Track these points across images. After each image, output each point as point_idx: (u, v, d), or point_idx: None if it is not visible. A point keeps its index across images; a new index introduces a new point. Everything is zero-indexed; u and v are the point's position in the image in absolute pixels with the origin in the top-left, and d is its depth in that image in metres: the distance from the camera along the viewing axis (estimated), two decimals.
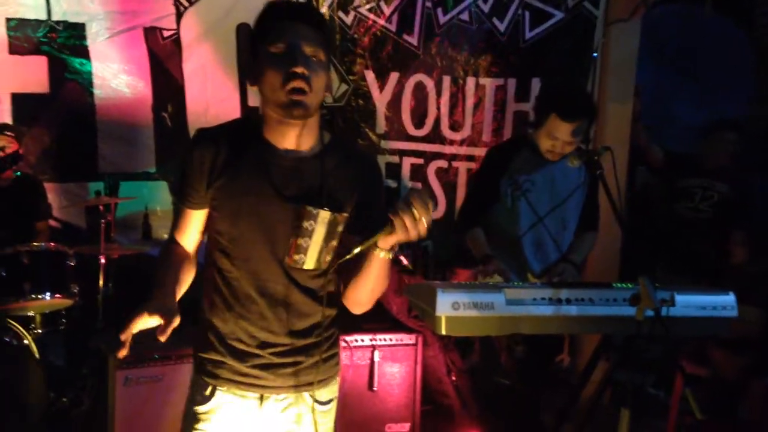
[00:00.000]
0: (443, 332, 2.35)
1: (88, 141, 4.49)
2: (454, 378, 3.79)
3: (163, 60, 4.53)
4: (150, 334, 1.71)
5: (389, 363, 3.65)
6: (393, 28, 4.73)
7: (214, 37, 4.57)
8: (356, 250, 1.65)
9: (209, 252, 1.89)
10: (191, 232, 1.91)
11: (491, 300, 2.36)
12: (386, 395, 3.64)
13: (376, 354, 3.61)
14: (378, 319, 3.79)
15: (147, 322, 1.65)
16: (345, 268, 1.78)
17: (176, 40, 4.52)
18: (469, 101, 4.84)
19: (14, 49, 4.29)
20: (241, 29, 4.57)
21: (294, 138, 1.79)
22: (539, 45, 4.75)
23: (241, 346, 1.85)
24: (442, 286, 2.38)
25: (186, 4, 4.49)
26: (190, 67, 4.57)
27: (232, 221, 1.80)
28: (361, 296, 1.80)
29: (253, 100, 4.65)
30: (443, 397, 3.83)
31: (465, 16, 4.74)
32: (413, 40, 4.76)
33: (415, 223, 1.55)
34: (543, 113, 3.06)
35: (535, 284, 2.66)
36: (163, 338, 1.65)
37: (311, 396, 1.91)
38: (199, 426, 1.87)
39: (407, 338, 3.68)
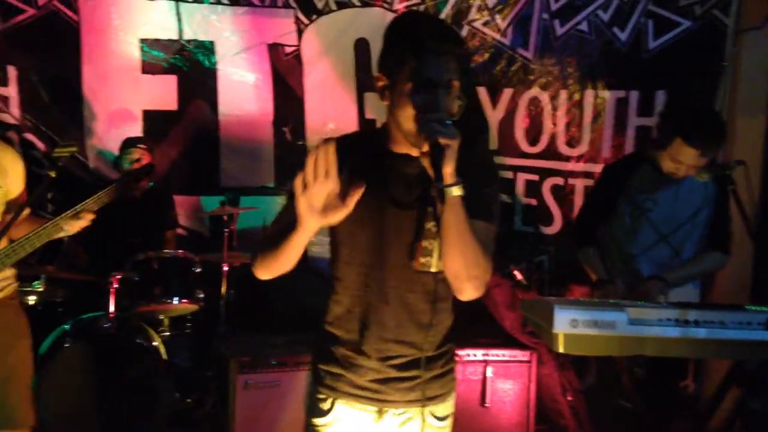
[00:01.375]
0: (561, 350, 2.29)
1: (212, 156, 4.69)
2: (569, 398, 3.69)
3: (285, 76, 4.69)
4: (269, 342, 1.76)
5: (502, 379, 3.61)
6: (508, 42, 4.69)
7: (334, 53, 4.68)
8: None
9: (333, 261, 1.91)
10: None
11: (613, 319, 2.28)
12: (499, 412, 3.59)
13: (489, 370, 3.58)
14: (491, 334, 3.75)
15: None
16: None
17: (297, 56, 4.67)
18: (588, 115, 4.71)
19: (147, 69, 4.55)
20: (360, 45, 4.66)
21: (415, 146, 1.75)
22: (664, 55, 4.55)
23: (362, 359, 1.86)
24: (560, 303, 2.32)
25: (306, 21, 4.62)
26: (310, 83, 4.70)
27: (357, 229, 1.81)
28: (455, 263, 1.70)
29: (370, 114, 4.73)
30: (558, 417, 3.73)
31: (584, 27, 4.63)
32: (528, 53, 4.70)
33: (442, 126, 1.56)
34: (667, 135, 2.91)
35: (661, 304, 2.55)
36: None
37: (429, 411, 1.89)
38: None
39: (521, 355, 3.63)
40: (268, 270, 1.79)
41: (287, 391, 3.41)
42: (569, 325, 2.25)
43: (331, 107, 4.75)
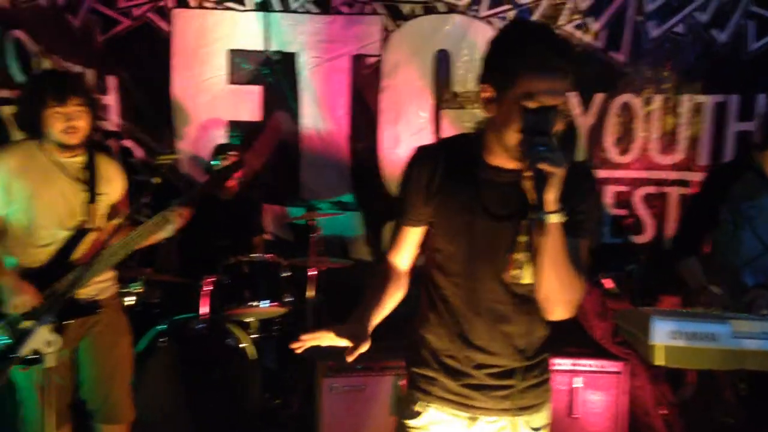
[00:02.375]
0: (659, 362, 2.23)
1: (293, 168, 4.74)
2: (663, 412, 3.56)
3: (364, 91, 4.66)
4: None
5: (591, 390, 3.51)
6: (600, 45, 4.57)
7: (414, 63, 4.61)
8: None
9: (426, 268, 1.92)
10: (407, 250, 1.94)
11: (714, 331, 2.22)
12: (587, 424, 3.50)
13: (577, 380, 3.49)
14: (580, 343, 3.67)
15: (334, 341, 1.79)
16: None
17: (376, 70, 4.62)
18: (684, 121, 4.56)
19: (233, 79, 4.63)
20: (441, 57, 4.61)
21: (512, 159, 1.73)
22: (766, 57, 4.38)
23: (454, 364, 1.86)
24: (658, 314, 2.27)
25: (392, 27, 4.59)
26: (387, 98, 4.66)
27: (449, 238, 1.82)
28: (549, 287, 1.68)
29: (446, 133, 4.63)
30: None
31: (680, 29, 4.48)
32: (621, 57, 4.56)
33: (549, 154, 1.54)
34: None
35: (766, 317, 2.44)
36: (349, 359, 1.77)
37: (524, 421, 1.87)
38: None
39: (611, 366, 3.52)
40: None
41: (372, 395, 3.42)
42: (668, 336, 2.20)
43: (405, 126, 4.69)
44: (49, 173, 2.88)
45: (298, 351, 1.83)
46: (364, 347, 1.78)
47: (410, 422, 1.91)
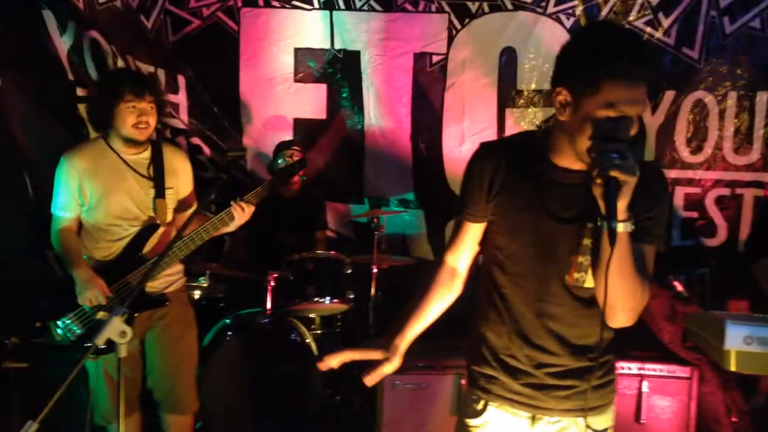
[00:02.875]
0: (732, 368, 2.17)
1: (356, 165, 4.75)
2: (734, 420, 3.44)
3: (426, 89, 4.62)
4: (416, 345, 1.87)
5: (659, 396, 3.43)
6: (671, 41, 4.41)
7: (480, 62, 4.55)
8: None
9: (486, 266, 1.91)
10: (467, 248, 1.93)
11: None
12: (655, 430, 3.42)
13: (645, 384, 3.42)
14: (647, 347, 3.58)
15: (359, 357, 1.89)
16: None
17: (443, 67, 4.57)
18: (760, 120, 4.38)
19: (299, 78, 4.66)
20: (507, 54, 4.54)
21: (580, 162, 1.70)
22: None
23: (515, 363, 1.85)
24: (731, 318, 2.19)
25: (459, 26, 4.54)
26: (450, 97, 4.61)
27: (510, 237, 1.81)
28: (613, 295, 1.63)
29: (510, 132, 4.58)
30: None
31: (756, 24, 4.30)
32: (694, 53, 4.41)
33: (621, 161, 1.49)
34: None
35: None
36: (368, 382, 1.83)
37: (586, 423, 1.84)
38: None
39: (681, 371, 3.43)
40: None
41: (434, 394, 3.42)
42: (742, 342, 2.13)
43: (468, 126, 4.63)
44: (118, 171, 2.97)
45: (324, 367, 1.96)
46: (389, 368, 1.83)
47: (471, 421, 1.91)
